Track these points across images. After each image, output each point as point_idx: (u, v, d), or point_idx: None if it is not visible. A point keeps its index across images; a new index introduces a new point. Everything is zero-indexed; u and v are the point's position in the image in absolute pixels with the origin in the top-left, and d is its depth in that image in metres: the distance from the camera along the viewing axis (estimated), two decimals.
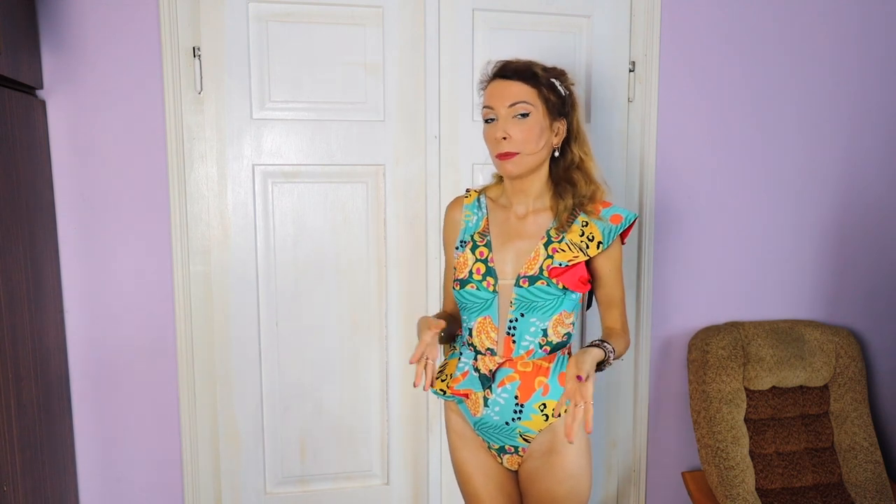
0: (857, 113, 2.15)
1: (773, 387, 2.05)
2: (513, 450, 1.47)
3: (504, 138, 1.35)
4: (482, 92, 1.44)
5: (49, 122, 1.70)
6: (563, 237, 1.39)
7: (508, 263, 1.42)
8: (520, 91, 1.35)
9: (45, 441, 1.60)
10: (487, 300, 1.41)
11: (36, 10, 1.66)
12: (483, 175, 1.93)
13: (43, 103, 1.69)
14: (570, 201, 1.40)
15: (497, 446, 1.48)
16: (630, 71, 2.00)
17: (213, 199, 1.82)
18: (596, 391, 2.08)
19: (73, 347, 1.78)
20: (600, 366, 1.34)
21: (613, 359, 1.36)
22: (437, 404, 1.99)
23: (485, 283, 1.41)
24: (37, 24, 1.66)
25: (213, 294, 1.84)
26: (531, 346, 1.40)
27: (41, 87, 1.68)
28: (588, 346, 1.33)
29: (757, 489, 1.97)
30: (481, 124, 1.89)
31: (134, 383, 1.82)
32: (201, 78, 1.76)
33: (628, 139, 2.02)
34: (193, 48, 1.75)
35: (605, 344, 1.36)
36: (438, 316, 1.56)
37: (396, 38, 1.85)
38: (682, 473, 2.15)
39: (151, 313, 1.81)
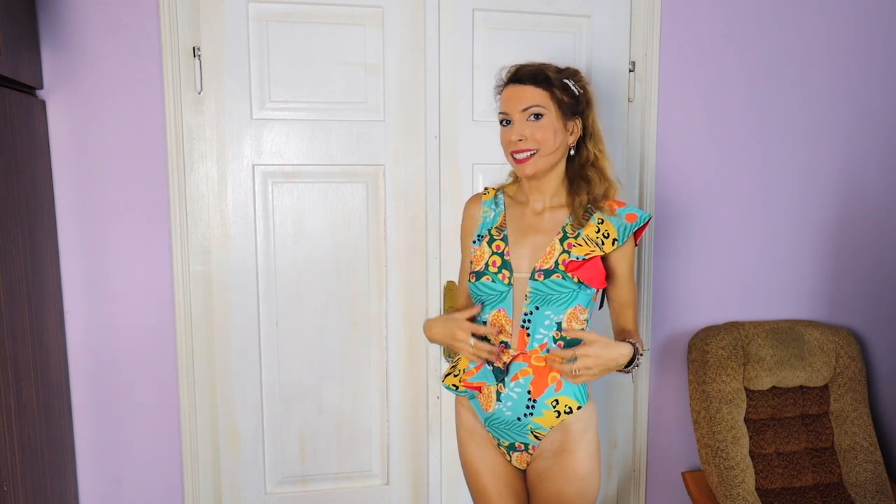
0: (857, 112, 2.15)
1: (773, 387, 2.05)
2: (523, 447, 1.47)
3: (520, 140, 1.39)
4: (498, 97, 1.47)
5: (49, 122, 1.70)
6: (580, 233, 1.42)
7: (524, 258, 1.44)
8: (533, 95, 1.39)
9: (45, 441, 1.60)
10: (502, 292, 1.43)
11: (36, 10, 1.66)
12: (483, 175, 1.93)
13: (43, 103, 1.69)
14: (584, 197, 1.44)
15: (507, 443, 1.48)
16: (630, 71, 2.00)
17: (213, 199, 1.82)
18: (596, 391, 2.08)
19: (73, 347, 1.78)
20: (628, 364, 1.40)
21: (639, 360, 1.42)
22: (437, 405, 2.00)
23: (500, 276, 1.43)
24: (37, 24, 1.66)
25: (213, 294, 1.84)
26: (545, 340, 1.42)
27: (41, 87, 1.68)
28: (624, 342, 1.39)
29: (757, 489, 1.97)
30: (481, 124, 1.91)
31: (134, 383, 1.82)
32: (201, 78, 1.76)
33: (628, 139, 2.02)
34: (193, 48, 1.75)
35: (635, 344, 1.42)
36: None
37: (396, 38, 1.85)
38: (682, 473, 2.15)
39: (151, 313, 1.81)
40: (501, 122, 1.44)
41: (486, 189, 1.59)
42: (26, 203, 1.55)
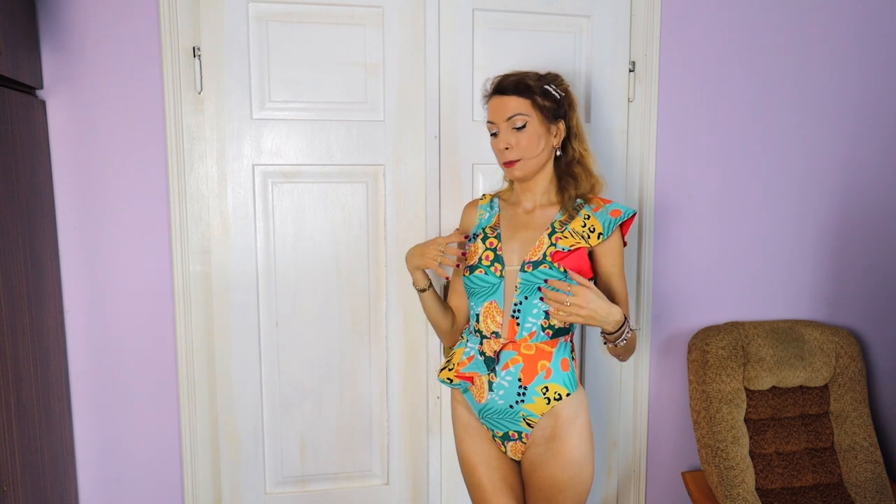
0: (857, 113, 2.15)
1: (773, 387, 2.05)
2: (516, 436, 1.52)
3: (507, 148, 1.49)
4: (485, 108, 1.56)
5: (49, 122, 1.70)
6: (567, 227, 1.50)
7: (515, 252, 1.52)
8: (515, 104, 1.48)
9: (45, 441, 1.60)
10: (494, 284, 1.50)
11: (36, 10, 1.66)
12: (483, 175, 1.93)
13: (43, 103, 1.69)
14: (572, 192, 1.52)
15: (501, 433, 1.53)
16: (630, 71, 2.00)
17: (213, 199, 1.82)
18: (596, 391, 2.08)
19: (73, 347, 1.78)
20: (614, 334, 1.41)
21: (628, 333, 1.42)
22: (437, 405, 1.99)
23: (493, 269, 1.51)
24: (37, 24, 1.66)
25: (213, 294, 1.84)
26: (534, 329, 1.48)
27: (41, 87, 1.68)
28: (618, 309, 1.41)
29: (757, 489, 1.97)
30: (481, 124, 1.91)
31: (134, 383, 1.82)
32: (201, 78, 1.76)
33: (628, 139, 2.02)
34: (193, 48, 1.75)
35: (626, 316, 1.44)
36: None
37: (396, 38, 1.85)
38: (682, 473, 2.15)
39: (151, 313, 1.81)
40: (491, 132, 1.53)
41: (483, 195, 1.68)
42: (26, 203, 1.55)
